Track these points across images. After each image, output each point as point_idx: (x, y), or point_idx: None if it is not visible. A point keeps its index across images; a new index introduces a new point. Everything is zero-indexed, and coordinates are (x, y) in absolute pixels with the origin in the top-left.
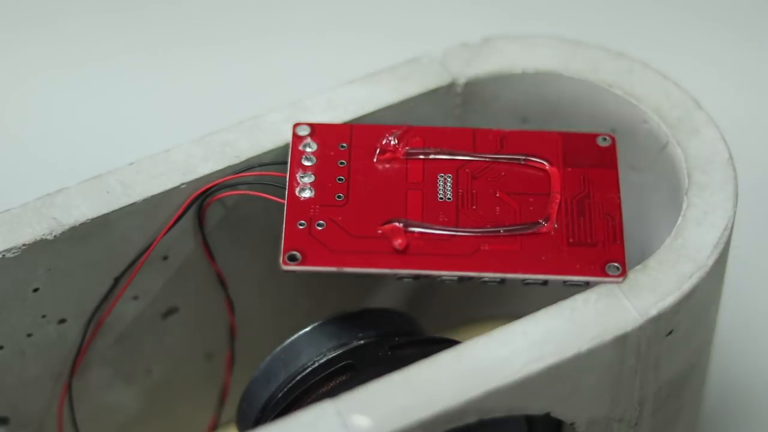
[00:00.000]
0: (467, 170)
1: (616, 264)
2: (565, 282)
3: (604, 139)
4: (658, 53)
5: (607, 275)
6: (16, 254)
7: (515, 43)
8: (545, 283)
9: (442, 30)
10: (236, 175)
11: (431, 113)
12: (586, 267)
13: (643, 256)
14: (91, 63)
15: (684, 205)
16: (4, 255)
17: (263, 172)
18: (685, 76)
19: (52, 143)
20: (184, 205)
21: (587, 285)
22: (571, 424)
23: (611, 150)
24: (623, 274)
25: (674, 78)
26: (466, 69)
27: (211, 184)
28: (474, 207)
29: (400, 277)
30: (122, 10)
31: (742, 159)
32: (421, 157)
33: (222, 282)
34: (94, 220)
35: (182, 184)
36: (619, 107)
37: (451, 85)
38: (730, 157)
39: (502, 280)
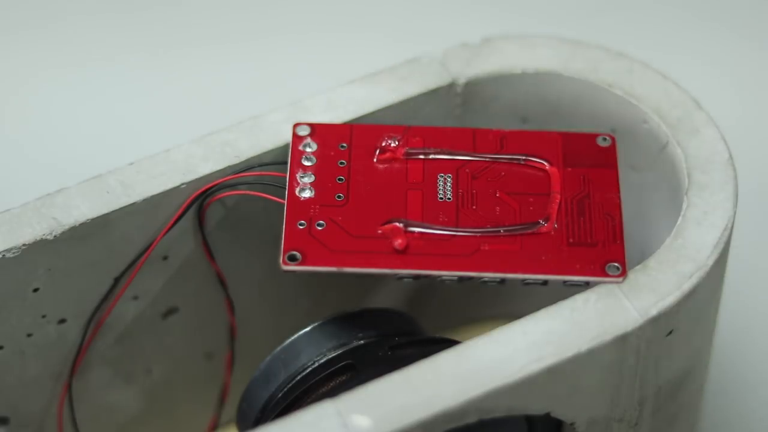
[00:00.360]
0: (467, 170)
1: (616, 264)
2: (565, 282)
3: (604, 139)
4: (658, 53)
5: (607, 275)
6: (16, 254)
7: (515, 43)
8: (545, 283)
9: (442, 30)
10: (236, 175)
11: (431, 113)
12: (586, 267)
13: (643, 256)
14: (91, 63)
15: (684, 205)
16: (4, 255)
17: (263, 172)
18: (685, 76)
19: (52, 143)
20: (184, 205)
21: (587, 285)
22: (571, 424)
23: (611, 150)
24: (623, 274)
25: (674, 78)
26: (466, 69)
27: (211, 184)
28: (474, 207)
29: (400, 277)
30: (122, 11)
31: (742, 159)
32: (421, 157)
33: (222, 282)
34: (94, 220)
35: (182, 184)
36: (619, 107)
37: (451, 85)
38: (730, 157)
39: (502, 280)
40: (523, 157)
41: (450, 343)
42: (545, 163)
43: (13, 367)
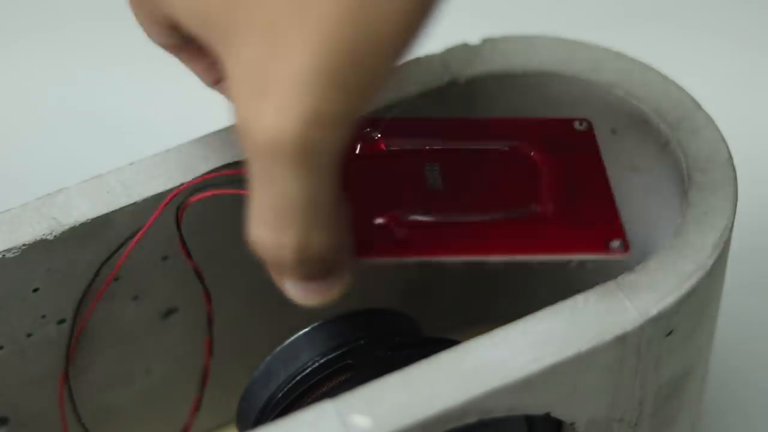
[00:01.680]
0: (453, 158)
1: (618, 240)
2: (569, 262)
3: (580, 123)
4: (658, 53)
5: (611, 251)
6: (16, 254)
7: (515, 43)
8: (549, 264)
9: (442, 30)
10: (229, 172)
11: (431, 113)
12: (589, 245)
13: (643, 256)
14: (91, 64)
15: (684, 205)
16: (4, 255)
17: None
18: (685, 76)
19: (52, 143)
20: (167, 200)
21: (584, 264)
22: (571, 424)
23: (589, 134)
24: (627, 249)
25: (674, 78)
26: (467, 69)
27: (193, 181)
28: (467, 193)
29: (404, 266)
30: (122, 10)
31: (742, 159)
32: (405, 147)
33: (199, 276)
34: (94, 220)
35: (182, 184)
36: (620, 107)
37: (451, 85)
38: (730, 157)
39: (505, 264)
40: (506, 144)
41: (450, 343)
42: (528, 149)
43: (13, 367)
